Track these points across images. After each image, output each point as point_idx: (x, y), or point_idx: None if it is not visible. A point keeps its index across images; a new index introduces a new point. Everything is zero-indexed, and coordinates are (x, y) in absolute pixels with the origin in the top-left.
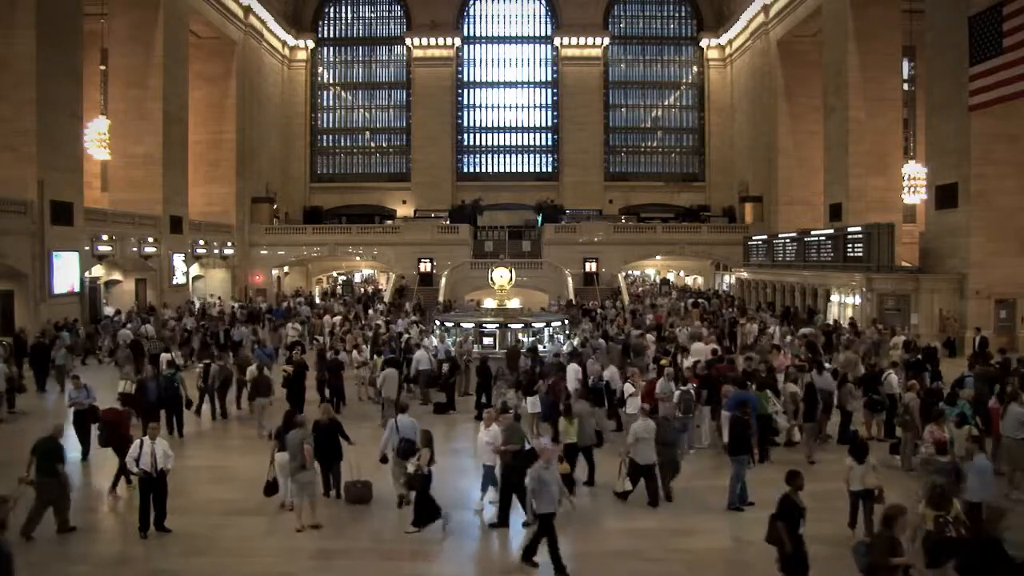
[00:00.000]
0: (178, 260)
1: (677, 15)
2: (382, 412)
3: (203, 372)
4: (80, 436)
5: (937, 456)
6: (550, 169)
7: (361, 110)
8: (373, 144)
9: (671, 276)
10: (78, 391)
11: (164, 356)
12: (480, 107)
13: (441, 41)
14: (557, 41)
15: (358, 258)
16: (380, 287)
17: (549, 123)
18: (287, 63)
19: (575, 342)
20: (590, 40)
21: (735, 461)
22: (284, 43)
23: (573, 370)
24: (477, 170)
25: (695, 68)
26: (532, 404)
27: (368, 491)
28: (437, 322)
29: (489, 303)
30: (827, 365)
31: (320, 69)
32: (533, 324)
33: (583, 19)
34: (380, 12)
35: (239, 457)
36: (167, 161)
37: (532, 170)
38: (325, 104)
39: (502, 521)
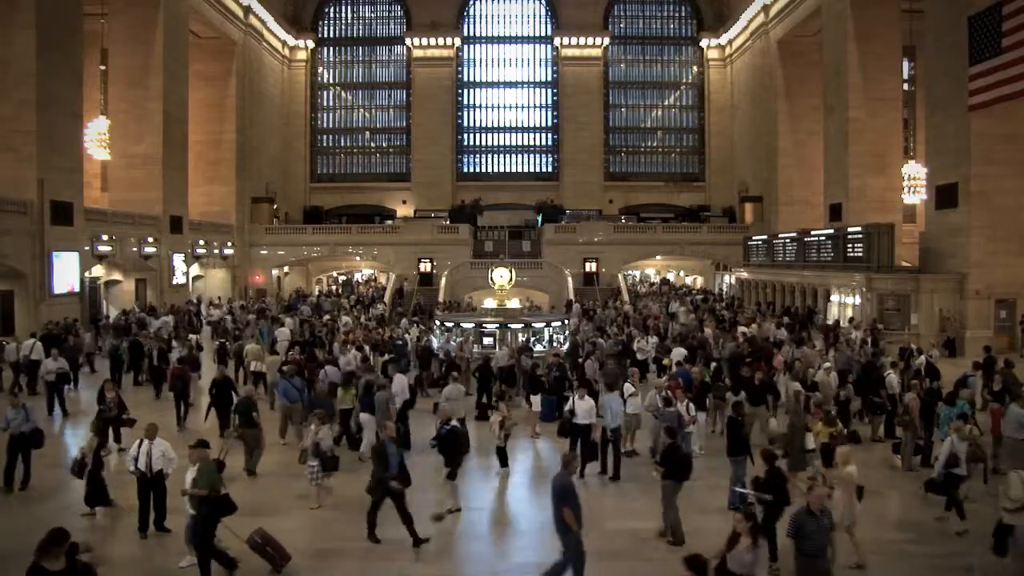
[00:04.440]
0: (178, 260)
1: (677, 15)
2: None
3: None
4: (10, 464)
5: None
6: (550, 169)
7: (361, 110)
8: (373, 144)
9: (671, 276)
10: (17, 412)
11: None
12: (480, 107)
13: (441, 41)
14: (557, 41)
15: (358, 258)
16: (382, 287)
17: (549, 123)
18: (287, 63)
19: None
20: (590, 40)
21: (733, 462)
22: (284, 43)
23: (399, 380)
24: (477, 170)
25: (695, 68)
26: (536, 403)
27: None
28: (438, 322)
29: (489, 303)
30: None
31: (320, 69)
32: (533, 324)
33: (583, 19)
34: (380, 12)
35: (238, 457)
36: (167, 161)
37: (532, 170)
38: (325, 104)
39: None
